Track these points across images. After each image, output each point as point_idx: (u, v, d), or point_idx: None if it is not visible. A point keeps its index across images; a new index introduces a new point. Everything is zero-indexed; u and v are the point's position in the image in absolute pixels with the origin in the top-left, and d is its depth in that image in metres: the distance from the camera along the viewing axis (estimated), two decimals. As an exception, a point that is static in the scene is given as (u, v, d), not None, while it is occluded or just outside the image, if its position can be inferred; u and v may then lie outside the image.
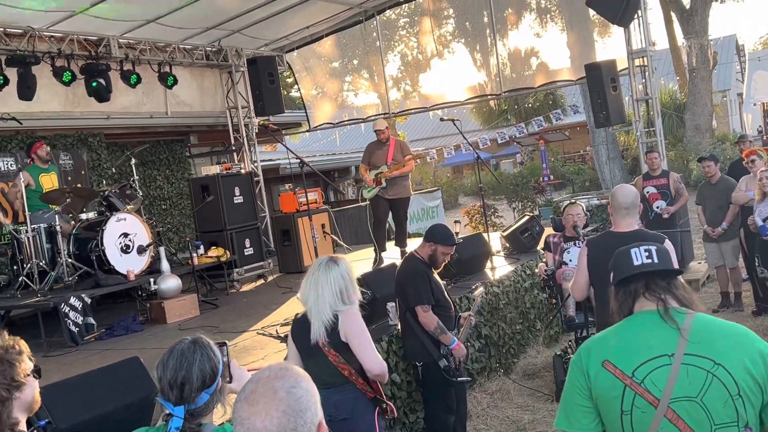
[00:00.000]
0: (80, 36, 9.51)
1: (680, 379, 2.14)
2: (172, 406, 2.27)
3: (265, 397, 1.62)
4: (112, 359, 5.19)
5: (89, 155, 11.13)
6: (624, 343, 2.27)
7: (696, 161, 18.31)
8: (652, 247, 2.40)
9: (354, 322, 3.80)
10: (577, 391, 2.31)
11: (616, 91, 10.21)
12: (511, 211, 20.58)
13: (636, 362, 2.20)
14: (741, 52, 36.53)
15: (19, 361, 2.43)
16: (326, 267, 3.84)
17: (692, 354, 2.15)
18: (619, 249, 2.49)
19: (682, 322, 2.22)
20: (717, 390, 2.10)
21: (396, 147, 8.97)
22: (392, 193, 8.86)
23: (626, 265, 2.40)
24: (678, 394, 2.13)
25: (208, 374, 2.29)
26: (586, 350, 2.36)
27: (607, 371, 2.24)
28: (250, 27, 11.25)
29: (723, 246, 8.66)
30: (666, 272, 2.37)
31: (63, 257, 7.59)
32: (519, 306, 7.83)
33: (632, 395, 2.18)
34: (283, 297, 8.27)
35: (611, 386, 2.22)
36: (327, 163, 19.58)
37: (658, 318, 2.27)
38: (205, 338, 2.42)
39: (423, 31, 14.67)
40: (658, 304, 2.30)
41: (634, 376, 2.19)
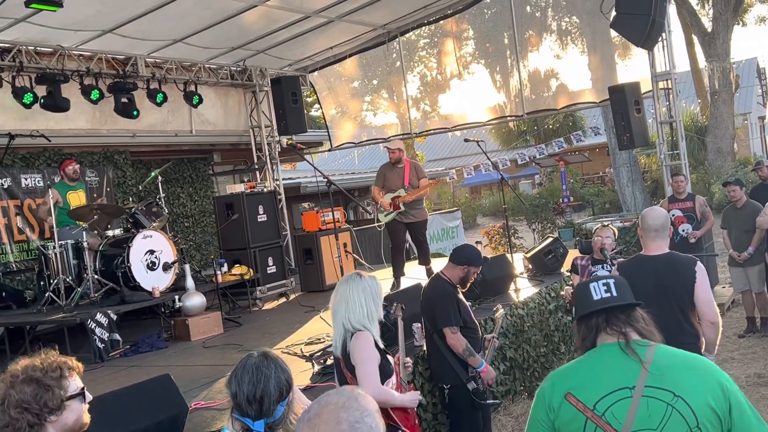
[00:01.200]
0: (108, 55, 9.65)
1: (640, 411, 2.15)
2: (251, 421, 2.28)
3: (328, 425, 1.59)
4: (139, 376, 5.22)
5: (115, 172, 11.24)
6: (586, 376, 2.30)
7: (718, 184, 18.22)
8: (610, 280, 2.45)
9: (360, 348, 3.70)
10: (539, 423, 2.34)
11: (639, 114, 10.19)
12: (530, 232, 20.50)
13: (598, 395, 2.22)
14: (762, 75, 36.34)
15: (56, 386, 2.39)
16: (351, 281, 3.83)
17: (653, 386, 2.17)
18: (579, 284, 2.57)
19: (644, 354, 2.25)
20: (676, 422, 2.11)
21: (411, 169, 8.86)
22: (410, 217, 8.80)
23: (586, 300, 2.45)
24: (638, 427, 2.15)
25: (285, 386, 2.33)
26: (549, 382, 2.39)
27: (569, 403, 2.25)
28: (274, 47, 11.37)
29: (749, 270, 8.58)
30: (624, 306, 2.41)
31: (89, 273, 7.66)
32: (543, 329, 7.77)
33: (593, 427, 2.20)
34: (305, 316, 8.27)
35: (573, 418, 2.24)
36: (347, 182, 19.64)
37: (619, 351, 2.30)
38: (274, 353, 2.44)
39: (444, 52, 14.75)
40: (619, 338, 2.34)
41: (595, 409, 2.20)
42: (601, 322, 2.40)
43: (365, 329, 3.74)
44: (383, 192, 8.85)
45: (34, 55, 8.86)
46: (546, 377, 2.45)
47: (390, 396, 3.80)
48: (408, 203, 8.71)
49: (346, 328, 3.74)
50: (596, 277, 2.51)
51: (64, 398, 2.41)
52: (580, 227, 13.58)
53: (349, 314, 3.74)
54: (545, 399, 2.33)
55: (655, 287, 4.06)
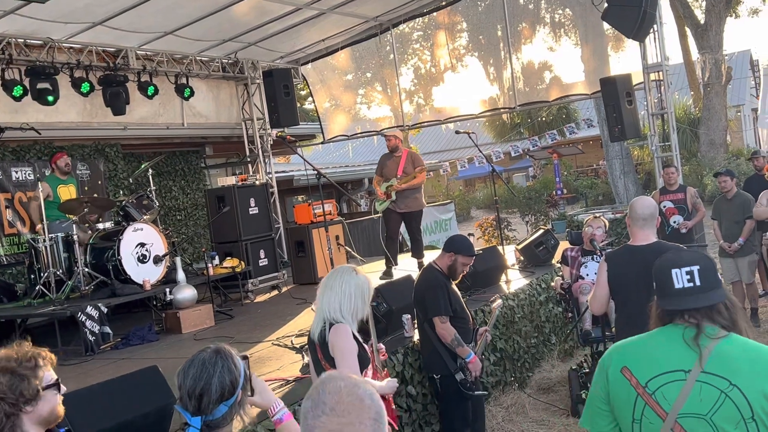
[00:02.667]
0: (99, 47, 9.60)
1: (692, 395, 2.13)
2: (189, 416, 2.25)
3: (354, 407, 1.61)
4: (129, 368, 5.20)
5: (106, 165, 11.21)
6: (645, 353, 2.28)
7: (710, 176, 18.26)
8: (695, 267, 2.27)
9: (338, 340, 3.68)
10: (598, 393, 2.35)
11: (631, 105, 10.21)
12: (523, 224, 20.53)
13: (651, 373, 2.21)
14: (755, 67, 36.39)
15: (32, 376, 2.40)
16: (340, 274, 3.83)
17: (709, 372, 2.14)
18: (660, 263, 2.37)
19: (707, 343, 2.19)
20: (729, 410, 2.09)
21: (407, 159, 8.91)
22: (404, 206, 8.83)
23: (666, 286, 2.31)
24: (687, 410, 2.13)
25: (227, 387, 2.26)
26: (609, 354, 2.38)
27: (624, 377, 2.25)
28: (266, 40, 11.32)
29: (739, 261, 8.62)
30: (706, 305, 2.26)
31: (80, 266, 7.65)
32: (534, 320, 7.80)
33: (642, 405, 2.20)
34: (297, 308, 8.28)
35: (626, 393, 2.24)
36: (340, 175, 19.61)
37: (684, 334, 2.25)
38: (228, 348, 2.37)
39: (437, 44, 14.73)
40: (692, 326, 2.25)
41: (647, 387, 2.20)
42: (676, 313, 2.30)
43: (343, 321, 3.73)
44: (381, 181, 8.93)
45: (24, 47, 8.81)
46: (610, 348, 2.42)
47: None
48: (400, 192, 8.73)
49: (327, 316, 3.74)
50: (679, 260, 2.31)
51: (39, 388, 2.42)
52: (572, 219, 13.61)
53: (333, 304, 3.73)
54: (605, 370, 2.33)
55: (643, 276, 4.06)
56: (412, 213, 8.95)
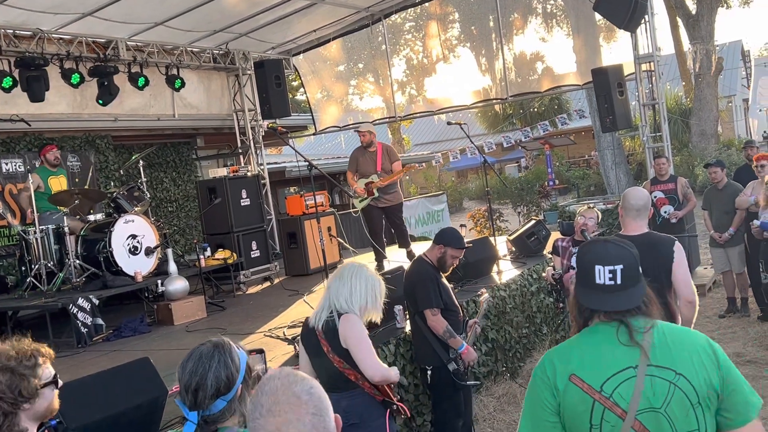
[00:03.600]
0: (89, 38, 9.55)
1: (645, 390, 2.14)
2: (187, 410, 2.22)
3: (290, 404, 1.60)
4: (120, 360, 5.20)
5: (97, 157, 11.16)
6: (589, 357, 2.25)
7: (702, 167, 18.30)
8: (618, 267, 2.28)
9: (353, 329, 3.75)
10: (543, 405, 2.27)
11: (622, 96, 10.23)
12: (516, 215, 20.57)
13: (603, 376, 2.19)
14: (746, 57, 36.47)
15: (31, 375, 2.39)
16: (356, 267, 3.90)
17: (655, 365, 2.16)
18: (585, 254, 2.37)
19: (641, 337, 2.21)
20: (679, 400, 2.12)
21: (383, 153, 8.81)
22: (385, 201, 8.78)
23: (587, 277, 2.32)
24: (644, 406, 2.14)
25: (223, 382, 2.22)
26: (550, 364, 2.31)
27: (574, 385, 2.21)
28: (257, 30, 11.29)
29: (729, 251, 8.66)
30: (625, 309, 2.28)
31: (71, 258, 7.62)
32: (525, 310, 7.83)
33: (601, 409, 2.17)
34: (289, 299, 8.27)
35: (580, 401, 2.20)
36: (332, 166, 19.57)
37: (617, 332, 2.25)
38: (229, 343, 2.33)
39: (429, 35, 14.73)
40: (619, 325, 2.26)
41: (602, 390, 2.18)
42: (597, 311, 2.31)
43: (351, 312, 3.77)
44: (357, 177, 8.85)
45: (13, 38, 8.75)
46: (544, 357, 2.37)
47: (389, 373, 3.85)
48: (381, 188, 8.71)
49: (335, 306, 3.76)
50: (604, 256, 2.30)
51: (38, 386, 2.41)
52: (564, 210, 13.63)
53: (341, 295, 3.77)
54: (548, 380, 2.26)
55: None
56: (393, 206, 8.91)
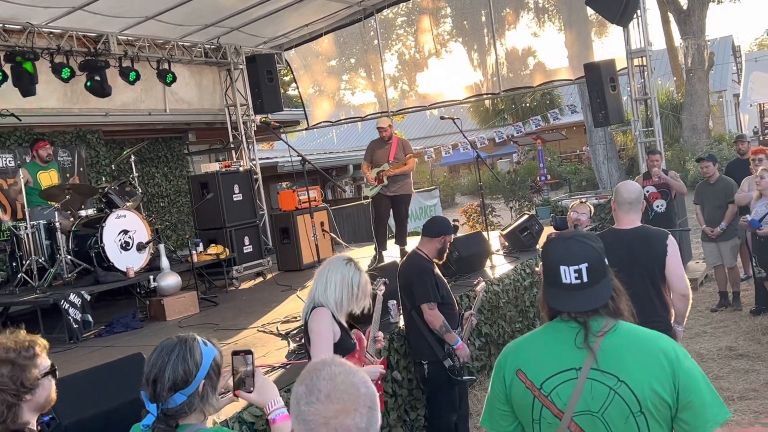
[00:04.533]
0: (79, 32, 9.49)
1: (584, 393, 2.14)
2: (148, 401, 2.24)
3: (349, 394, 1.60)
4: (113, 356, 5.18)
5: (88, 152, 11.10)
6: (537, 354, 2.27)
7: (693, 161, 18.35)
8: (583, 266, 2.23)
9: (316, 323, 3.74)
10: (496, 394, 2.34)
11: (615, 91, 10.24)
12: (508, 210, 20.58)
13: (545, 374, 2.21)
14: (737, 52, 36.60)
15: (30, 365, 2.40)
16: (334, 262, 3.87)
17: (598, 369, 2.15)
18: (551, 254, 2.32)
19: (592, 341, 2.18)
20: (618, 406, 2.11)
21: (398, 146, 8.94)
22: (394, 190, 8.85)
23: (553, 276, 2.28)
24: (581, 408, 2.15)
25: (180, 376, 2.22)
26: (504, 356, 2.36)
27: (519, 380, 2.25)
28: (248, 24, 11.24)
29: (721, 246, 8.68)
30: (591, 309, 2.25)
31: (62, 254, 7.58)
32: (519, 304, 7.84)
33: (540, 406, 2.20)
34: (282, 295, 8.26)
35: (523, 395, 2.24)
36: (325, 161, 19.58)
37: (572, 331, 2.22)
38: (194, 338, 2.32)
39: (421, 29, 14.67)
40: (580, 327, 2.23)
41: (542, 388, 2.20)
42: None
43: (327, 304, 3.77)
44: (371, 167, 8.92)
45: (3, 32, 8.69)
46: (505, 347, 2.41)
47: None
48: (393, 177, 8.76)
49: (315, 300, 3.78)
50: (570, 256, 2.25)
51: (39, 377, 2.42)
52: (556, 205, 13.65)
53: (319, 288, 3.78)
54: (501, 371, 2.32)
55: (627, 260, 4.09)
56: (402, 196, 8.96)
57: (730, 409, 5.63)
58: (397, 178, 8.81)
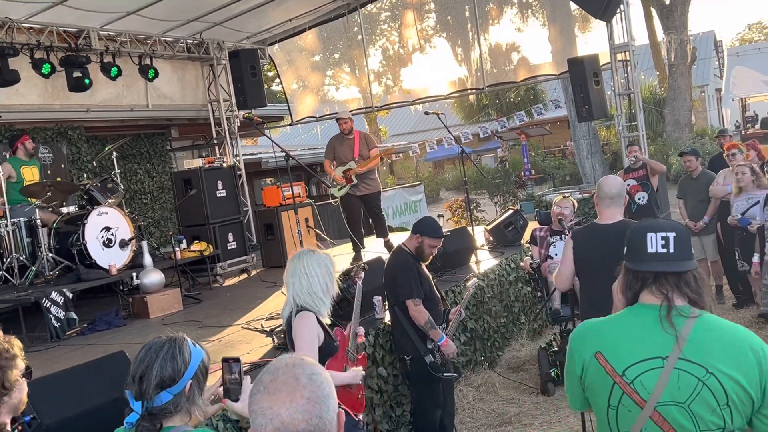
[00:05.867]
0: (60, 28, 9.37)
1: (671, 383, 2.11)
2: (133, 399, 2.23)
3: (287, 384, 1.57)
4: (95, 354, 5.13)
5: (69, 148, 10.99)
6: (619, 338, 2.22)
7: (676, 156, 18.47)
8: (671, 234, 2.24)
9: (299, 327, 3.67)
10: (572, 372, 2.32)
11: (598, 86, 10.27)
12: (492, 205, 20.62)
13: (628, 361, 2.17)
14: (719, 47, 36.83)
15: (11, 366, 2.37)
16: (302, 256, 3.80)
17: (686, 359, 2.12)
18: (636, 227, 2.34)
19: (682, 325, 2.16)
20: (706, 398, 2.08)
21: (361, 140, 8.79)
22: (363, 189, 8.76)
23: (639, 249, 2.28)
24: (666, 399, 2.11)
25: (168, 374, 2.21)
26: (581, 337, 2.32)
27: (598, 363, 2.21)
28: (231, 19, 11.15)
29: (704, 240, 8.73)
30: (678, 270, 2.23)
31: (44, 251, 7.50)
32: (504, 299, 7.85)
33: (620, 393, 2.16)
34: (266, 291, 8.22)
35: (601, 379, 2.21)
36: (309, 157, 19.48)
37: (658, 316, 2.20)
38: (183, 338, 2.32)
39: (405, 24, 14.65)
40: (663, 301, 2.21)
41: (624, 375, 2.16)
42: (648, 278, 2.25)
43: (312, 307, 3.69)
44: (334, 165, 8.80)
45: (-19, 27, 8.58)
46: (578, 327, 2.36)
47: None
48: (360, 175, 8.67)
49: (298, 302, 3.71)
50: (655, 225, 2.27)
51: (18, 378, 2.39)
52: (541, 199, 13.69)
53: (303, 289, 3.70)
54: (576, 353, 2.29)
55: (608, 255, 4.07)
56: (371, 195, 8.88)
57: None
58: (365, 175, 8.72)
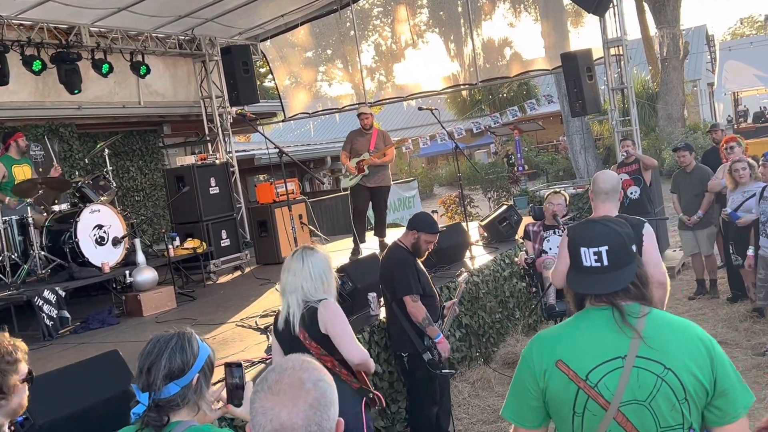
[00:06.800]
0: (50, 24, 9.32)
1: (631, 383, 2.11)
2: (139, 391, 2.22)
3: (292, 388, 1.56)
4: (89, 353, 5.10)
5: (60, 146, 10.93)
6: (577, 343, 2.21)
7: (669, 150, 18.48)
8: (602, 248, 2.23)
9: (334, 314, 3.74)
10: (526, 389, 2.26)
11: (591, 81, 10.25)
12: (486, 201, 20.64)
13: (590, 365, 2.16)
14: (711, 42, 36.91)
15: (11, 371, 2.35)
16: (304, 255, 3.78)
17: (644, 357, 2.12)
18: (571, 238, 2.34)
19: (635, 323, 2.16)
20: (665, 395, 2.09)
21: (378, 136, 8.88)
22: (374, 181, 8.79)
23: (575, 260, 2.29)
24: (628, 398, 2.11)
25: (177, 365, 2.22)
26: (537, 348, 2.28)
27: (560, 371, 2.18)
28: (223, 15, 11.11)
29: (698, 234, 8.74)
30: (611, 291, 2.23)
31: (36, 250, 7.44)
32: (498, 295, 7.84)
33: (585, 398, 2.15)
34: (260, 288, 8.20)
35: (564, 387, 2.18)
36: (302, 153, 19.43)
37: (610, 318, 2.20)
38: (192, 334, 2.34)
39: (397, 20, 14.61)
40: (611, 305, 2.22)
41: (588, 379, 2.15)
42: (588, 294, 2.27)
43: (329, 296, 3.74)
44: (350, 157, 8.84)
45: (-29, 24, 8.51)
46: (533, 340, 2.33)
47: (370, 361, 3.83)
48: (372, 167, 8.69)
49: (307, 300, 3.70)
50: (588, 239, 2.26)
51: (18, 383, 2.37)
52: (534, 195, 13.69)
53: (310, 288, 3.71)
54: (534, 365, 2.24)
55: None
56: (381, 188, 8.91)
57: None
58: (377, 169, 8.75)
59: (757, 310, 7.52)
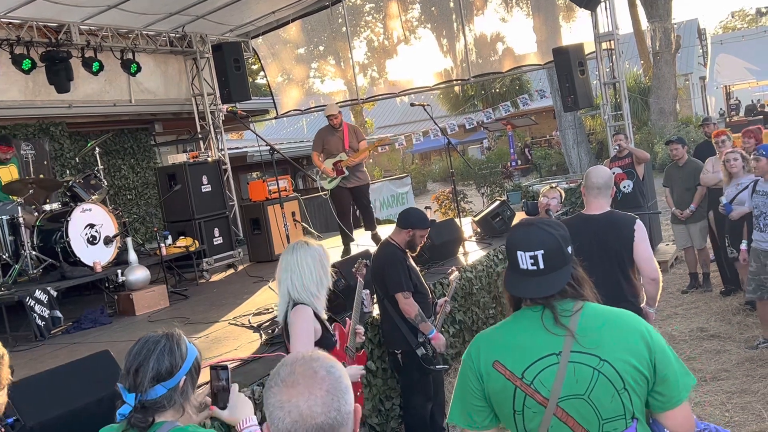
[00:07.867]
0: (40, 22, 9.26)
1: (568, 377, 2.13)
2: (126, 392, 2.21)
3: (306, 377, 1.55)
4: (81, 353, 5.07)
5: (51, 145, 10.87)
6: (513, 343, 2.24)
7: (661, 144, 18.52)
8: (538, 252, 2.24)
9: (297, 321, 3.62)
10: (470, 390, 2.28)
11: (583, 75, 10.26)
12: (479, 196, 20.63)
13: (525, 363, 2.18)
14: (702, 35, 36.98)
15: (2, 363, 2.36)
16: (296, 249, 3.75)
17: (578, 351, 2.14)
18: (509, 240, 2.35)
19: (568, 320, 2.19)
20: (603, 386, 2.10)
21: (350, 132, 8.75)
22: (354, 181, 8.73)
23: (513, 263, 2.30)
24: (566, 393, 2.13)
25: (165, 367, 2.22)
26: (476, 349, 2.31)
27: (497, 372, 2.21)
28: (214, 12, 11.06)
29: (691, 228, 8.75)
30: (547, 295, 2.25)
31: (27, 249, 7.40)
32: (492, 290, 7.83)
33: (523, 396, 2.17)
34: (254, 286, 8.17)
35: (502, 387, 2.20)
36: (295, 150, 19.41)
37: (543, 316, 2.22)
38: (181, 335, 2.33)
39: (389, 15, 14.58)
40: (544, 305, 2.24)
41: (523, 377, 2.17)
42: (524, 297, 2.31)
43: (307, 301, 3.66)
44: (323, 157, 8.74)
45: (-41, 23, 8.46)
46: (473, 340, 2.36)
47: None
48: (351, 167, 8.64)
49: (292, 296, 3.67)
50: (525, 242, 2.27)
51: (6, 382, 2.36)
52: (527, 190, 13.69)
53: (296, 283, 3.65)
54: (473, 365, 2.27)
55: (596, 245, 4.12)
56: (362, 187, 8.86)
57: (703, 390, 5.69)
58: (356, 167, 8.70)
59: (750, 303, 7.53)
